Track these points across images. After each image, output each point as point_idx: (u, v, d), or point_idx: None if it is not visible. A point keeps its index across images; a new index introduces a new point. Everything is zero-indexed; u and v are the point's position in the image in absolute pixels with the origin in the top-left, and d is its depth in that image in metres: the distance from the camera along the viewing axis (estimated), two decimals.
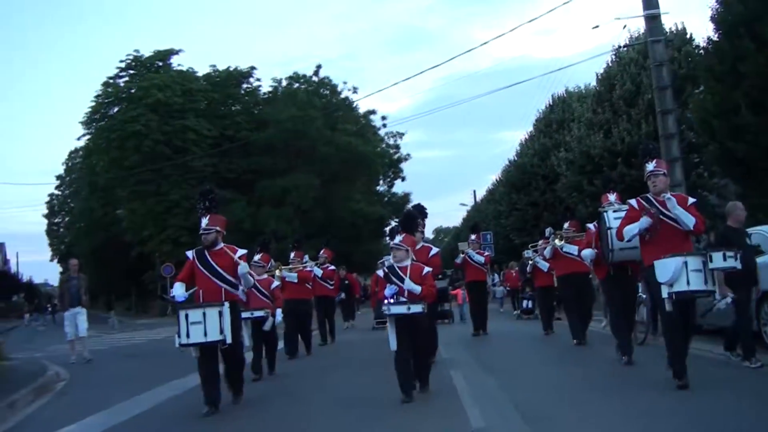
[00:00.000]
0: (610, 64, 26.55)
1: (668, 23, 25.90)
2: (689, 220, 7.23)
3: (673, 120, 15.66)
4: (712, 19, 14.98)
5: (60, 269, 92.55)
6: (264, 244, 11.50)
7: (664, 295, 7.09)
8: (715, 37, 15.28)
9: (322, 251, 15.95)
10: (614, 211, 9.20)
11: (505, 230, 38.56)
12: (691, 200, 7.60)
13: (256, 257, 10.73)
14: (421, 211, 10.20)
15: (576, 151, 26.70)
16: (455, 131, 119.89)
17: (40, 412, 8.37)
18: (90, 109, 41.07)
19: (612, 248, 8.95)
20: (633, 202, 7.71)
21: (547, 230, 13.87)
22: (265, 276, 10.61)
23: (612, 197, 10.02)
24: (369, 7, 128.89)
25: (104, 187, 41.17)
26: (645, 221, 7.33)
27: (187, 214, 36.61)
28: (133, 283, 52.33)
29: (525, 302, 22.32)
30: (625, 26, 23.74)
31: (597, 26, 23.70)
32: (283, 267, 13.18)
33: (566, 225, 12.67)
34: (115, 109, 40.30)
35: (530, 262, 16.10)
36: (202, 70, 43.69)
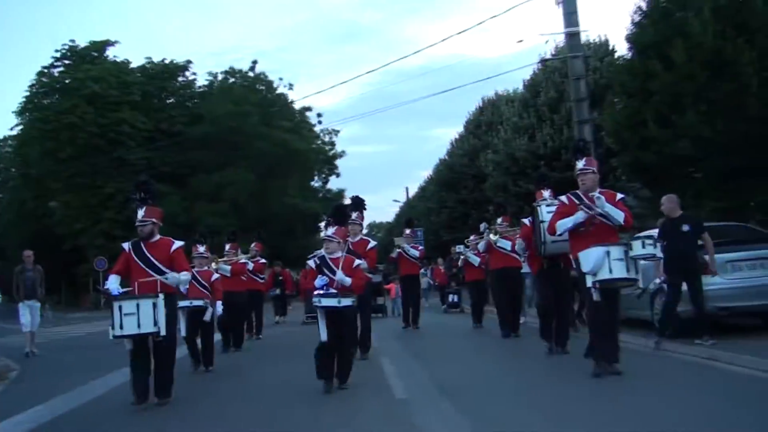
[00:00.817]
0: (536, 72, 27.92)
1: (593, 35, 27.49)
2: (619, 216, 7.45)
3: (589, 129, 17.04)
4: (627, 38, 16.32)
5: None
6: (204, 237, 11.26)
7: (589, 284, 7.30)
8: (628, 56, 16.67)
9: (253, 245, 15.69)
10: (547, 206, 9.35)
11: (435, 227, 39.75)
12: (619, 196, 7.79)
13: (201, 248, 10.63)
14: (359, 204, 10.49)
15: (502, 153, 28.01)
16: (390, 127, 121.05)
17: (6, 393, 8.98)
18: (24, 99, 40.86)
19: (544, 241, 9.11)
20: (564, 198, 7.90)
21: (482, 225, 14.01)
22: (206, 268, 10.48)
23: (546, 193, 10.09)
24: (306, 0, 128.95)
25: (37, 179, 40.87)
26: (580, 215, 7.49)
27: (120, 208, 36.87)
28: (64, 276, 51.84)
29: (451, 296, 22.69)
30: (547, 41, 25.13)
31: (521, 40, 25.06)
32: (219, 260, 12.98)
33: (500, 220, 12.94)
34: (50, 100, 40.16)
35: (461, 257, 16.15)
36: (136, 61, 43.98)
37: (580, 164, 7.81)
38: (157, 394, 7.33)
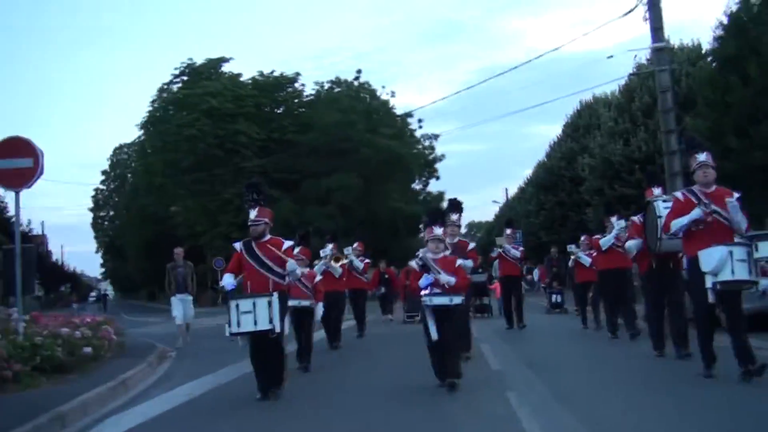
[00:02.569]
0: (631, 77, 28.74)
1: (687, 38, 28.07)
2: (742, 223, 7.18)
3: (675, 138, 18.08)
4: (709, 52, 17.38)
5: (101, 260, 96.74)
6: (304, 237, 11.17)
7: (708, 285, 6.93)
8: (711, 68, 17.73)
9: (355, 244, 15.64)
10: (664, 201, 8.95)
11: (533, 228, 40.83)
12: (736, 195, 7.32)
13: (296, 250, 10.11)
14: (457, 206, 10.37)
15: (598, 157, 29.04)
16: (489, 125, 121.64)
17: (173, 369, 10.87)
18: (147, 113, 44.39)
19: (660, 237, 8.71)
20: (679, 194, 7.63)
21: (613, 219, 12.78)
22: (307, 270, 10.41)
23: (657, 191, 9.76)
24: (400, 1, 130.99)
25: (160, 186, 44.29)
26: (696, 213, 7.12)
27: (237, 212, 39.46)
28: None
29: (554, 296, 22.40)
30: (636, 56, 26.02)
31: (611, 56, 25.41)
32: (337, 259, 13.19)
33: (614, 219, 12.61)
34: (170, 113, 43.48)
35: (572, 257, 15.95)
36: (247, 73, 46.62)
37: (701, 157, 7.40)
38: (270, 385, 7.51)
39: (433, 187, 51.39)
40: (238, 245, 7.93)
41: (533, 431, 5.63)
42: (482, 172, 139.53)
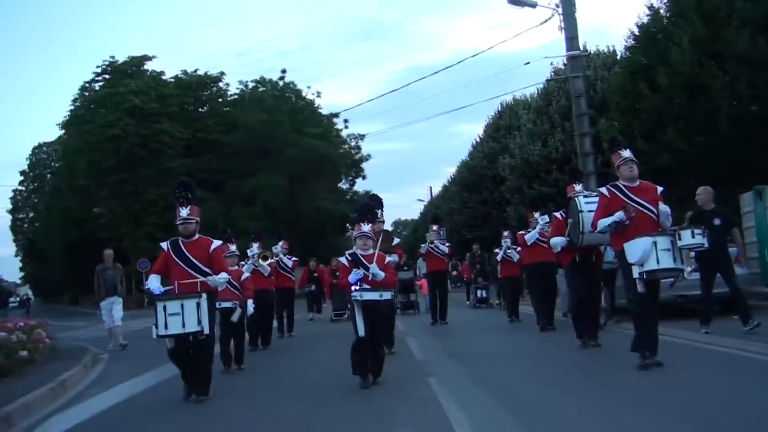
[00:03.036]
0: (548, 81, 29.82)
1: (603, 44, 29.28)
2: (668, 222, 7.46)
3: (589, 141, 19.08)
4: (620, 61, 18.40)
5: (20, 264, 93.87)
6: (227, 237, 10.97)
7: (635, 275, 7.14)
8: (621, 77, 18.77)
9: (281, 243, 15.52)
10: (585, 197, 9.38)
11: (457, 226, 41.71)
12: (660, 189, 7.64)
13: (232, 247, 10.60)
14: (378, 202, 10.25)
15: (518, 158, 30.02)
16: (414, 124, 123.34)
17: (108, 371, 11.06)
18: (68, 112, 43.67)
19: (582, 231, 8.99)
20: (604, 190, 7.76)
21: (537, 215, 13.14)
22: (235, 267, 10.29)
23: (578, 187, 10.06)
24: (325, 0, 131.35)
25: (82, 187, 43.63)
26: (619, 215, 7.29)
27: (162, 213, 39.30)
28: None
29: (479, 292, 22.67)
30: (552, 62, 27.11)
31: (528, 63, 26.58)
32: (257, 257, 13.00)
33: (537, 214, 13.00)
34: (93, 113, 42.86)
35: (501, 252, 16.26)
36: (170, 71, 46.51)
37: (625, 153, 7.65)
38: (195, 391, 7.39)
39: (360, 186, 52.10)
40: (165, 245, 7.72)
41: (451, 409, 6.15)
42: (408, 170, 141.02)
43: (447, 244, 16.70)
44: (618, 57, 27.98)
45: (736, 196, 13.93)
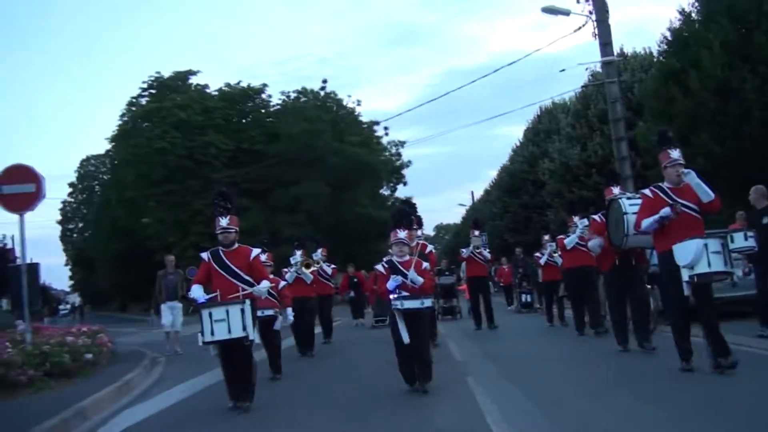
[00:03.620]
0: (587, 85, 30.04)
1: (641, 44, 29.37)
2: (708, 194, 7.20)
3: (625, 145, 19.38)
4: (654, 66, 18.70)
5: (69, 273, 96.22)
6: (267, 243, 11.32)
7: (685, 278, 6.98)
8: (655, 81, 19.08)
9: (320, 250, 15.51)
10: (628, 198, 9.15)
11: (499, 230, 42.02)
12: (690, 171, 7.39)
13: (263, 257, 10.12)
14: (412, 208, 10.51)
15: (557, 162, 30.32)
16: (454, 127, 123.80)
17: (167, 373, 11.67)
18: (117, 127, 45.12)
19: (627, 233, 8.79)
20: (647, 191, 7.65)
21: (576, 218, 12.97)
22: (272, 276, 10.28)
23: (616, 189, 9.96)
24: (362, 5, 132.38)
25: (132, 199, 44.95)
26: (666, 211, 7.19)
27: (208, 222, 40.07)
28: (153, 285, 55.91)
29: (524, 296, 22.74)
30: (587, 69, 27.29)
31: (563, 70, 26.34)
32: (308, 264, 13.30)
33: (576, 218, 12.85)
34: (140, 126, 44.18)
35: (544, 256, 16.11)
36: (214, 83, 47.56)
37: (674, 154, 7.44)
38: (239, 398, 7.48)
39: (401, 192, 52.66)
40: (205, 255, 7.82)
41: (485, 403, 6.66)
42: (449, 174, 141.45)
43: (488, 249, 16.97)
44: (654, 59, 28.37)
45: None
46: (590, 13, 19.43)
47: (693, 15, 18.29)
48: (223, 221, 7.67)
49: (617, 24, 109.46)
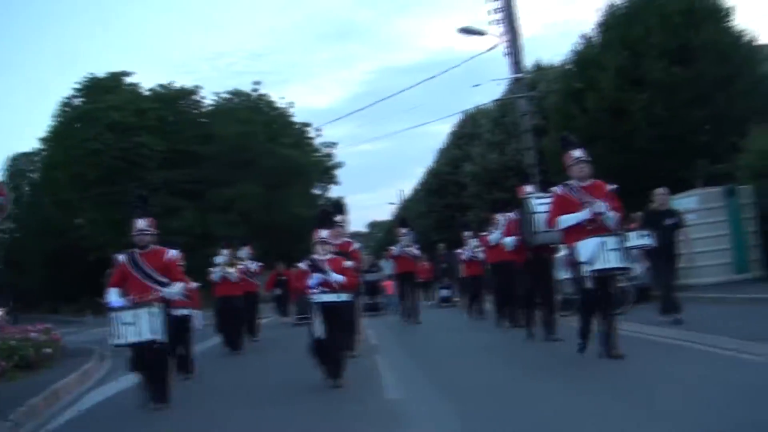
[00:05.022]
0: (505, 93, 32.05)
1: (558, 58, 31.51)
2: (612, 222, 7.67)
3: (533, 153, 21.44)
4: (559, 84, 20.78)
5: None
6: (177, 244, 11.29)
7: (585, 273, 7.50)
8: (558, 99, 21.19)
9: (246, 248, 15.71)
10: (536, 198, 9.73)
11: (425, 229, 43.84)
12: (611, 187, 7.95)
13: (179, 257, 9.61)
14: (340, 207, 11.07)
15: (478, 165, 32.34)
16: (387, 125, 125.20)
17: (116, 365, 12.42)
18: (50, 127, 45.54)
19: (536, 230, 9.32)
20: (557, 189, 8.06)
21: (499, 216, 13.29)
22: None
23: (528, 188, 10.58)
24: (296, 1, 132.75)
25: (65, 200, 45.30)
26: (586, 213, 7.60)
27: None
28: (88, 286, 55.89)
29: (444, 291, 23.90)
30: (499, 84, 29.24)
31: (477, 84, 28.02)
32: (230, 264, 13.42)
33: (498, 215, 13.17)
34: (74, 127, 44.65)
35: (466, 251, 16.74)
36: (147, 82, 48.13)
37: (577, 153, 7.99)
38: (153, 399, 7.48)
39: (333, 191, 53.95)
40: (121, 257, 7.85)
41: (386, 375, 8.30)
42: (383, 171, 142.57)
43: (417, 246, 17.35)
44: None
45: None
46: (503, 34, 21.45)
47: (594, 39, 20.37)
48: (140, 223, 7.80)
49: (547, 26, 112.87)
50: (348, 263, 8.27)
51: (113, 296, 7.61)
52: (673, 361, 7.63)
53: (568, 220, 7.77)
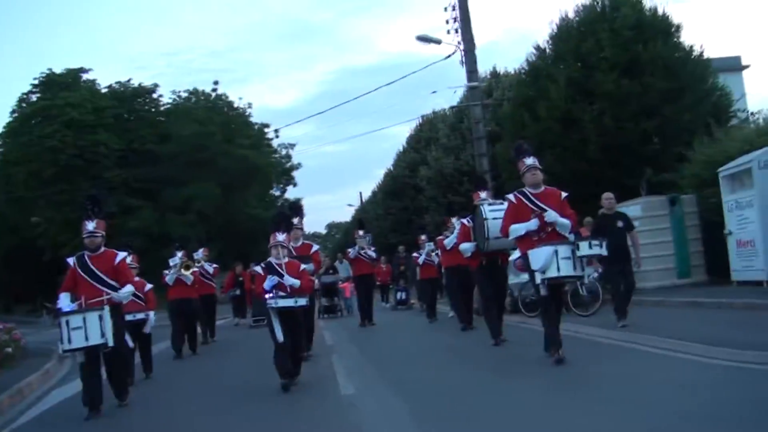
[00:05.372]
0: (461, 100, 32.69)
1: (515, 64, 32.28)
2: (565, 228, 7.83)
3: (486, 160, 22.03)
4: (512, 93, 21.40)
5: None
6: (131, 246, 11.15)
7: (538, 281, 7.62)
8: (511, 107, 21.84)
9: (201, 250, 15.89)
10: (489, 204, 9.98)
11: (383, 230, 44.34)
12: (563, 194, 8.09)
13: (128, 258, 9.37)
14: (297, 209, 11.11)
15: (434, 169, 32.88)
16: (346, 127, 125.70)
17: (76, 365, 13.18)
18: (6, 124, 45.05)
19: (488, 237, 9.48)
20: (511, 196, 8.13)
21: (454, 219, 13.49)
22: (138, 278, 9.99)
23: (483, 194, 10.69)
24: (255, 0, 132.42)
25: (21, 197, 44.80)
26: (534, 223, 7.75)
27: None
28: (43, 286, 55.20)
29: (399, 294, 23.86)
30: (455, 91, 29.82)
31: (435, 91, 28.56)
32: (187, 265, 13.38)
33: (455, 219, 13.24)
34: (32, 124, 44.21)
35: (422, 255, 16.96)
36: (104, 79, 47.98)
37: (529, 161, 8.08)
38: (116, 396, 7.73)
39: (291, 193, 54.20)
40: (71, 260, 7.79)
41: (339, 371, 8.75)
42: (343, 172, 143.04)
43: (373, 248, 17.78)
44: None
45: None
46: (459, 43, 22.01)
47: (547, 51, 21.05)
48: (90, 225, 7.72)
49: (507, 31, 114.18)
50: (305, 266, 8.35)
51: (64, 301, 7.58)
52: (616, 362, 7.90)
53: (518, 229, 7.91)
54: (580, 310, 12.92)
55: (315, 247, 10.69)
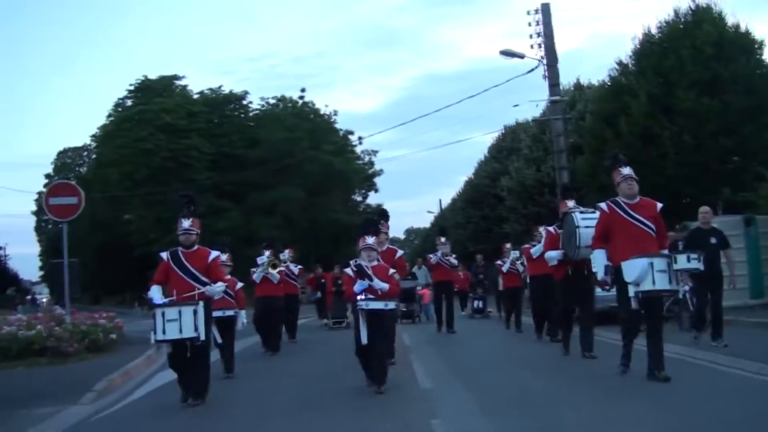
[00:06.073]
0: (544, 110, 32.90)
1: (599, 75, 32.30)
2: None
3: (567, 173, 22.34)
4: (593, 108, 21.67)
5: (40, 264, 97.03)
6: (226, 245, 11.28)
7: (631, 293, 7.32)
8: (593, 122, 22.09)
9: (287, 251, 16.05)
10: (581, 212, 9.70)
11: (462, 239, 44.75)
12: (659, 206, 7.81)
13: (223, 257, 10.10)
14: (383, 214, 11.03)
15: (515, 180, 33.22)
16: (427, 131, 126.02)
17: None
18: (102, 126, 47.60)
19: (579, 245, 9.25)
20: (603, 205, 7.91)
21: (541, 228, 12.80)
22: (229, 276, 10.16)
23: (570, 203, 10.33)
24: (341, 6, 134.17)
25: (115, 196, 47.12)
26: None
27: None
28: (131, 280, 57.72)
29: (476, 302, 23.49)
30: (537, 104, 30.04)
31: (517, 105, 28.98)
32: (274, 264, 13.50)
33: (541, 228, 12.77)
34: (127, 127, 46.61)
35: (506, 263, 16.89)
36: (185, 71, 50.39)
37: (625, 170, 7.82)
38: (192, 396, 7.69)
39: (372, 199, 55.29)
40: (164, 255, 7.97)
41: (419, 371, 9.19)
42: (422, 178, 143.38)
43: (455, 256, 17.32)
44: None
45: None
46: (542, 58, 22.44)
47: (629, 66, 21.28)
48: (185, 223, 7.83)
49: (590, 37, 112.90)
50: (392, 271, 8.39)
51: (155, 293, 7.76)
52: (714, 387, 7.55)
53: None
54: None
55: (399, 252, 10.62)
